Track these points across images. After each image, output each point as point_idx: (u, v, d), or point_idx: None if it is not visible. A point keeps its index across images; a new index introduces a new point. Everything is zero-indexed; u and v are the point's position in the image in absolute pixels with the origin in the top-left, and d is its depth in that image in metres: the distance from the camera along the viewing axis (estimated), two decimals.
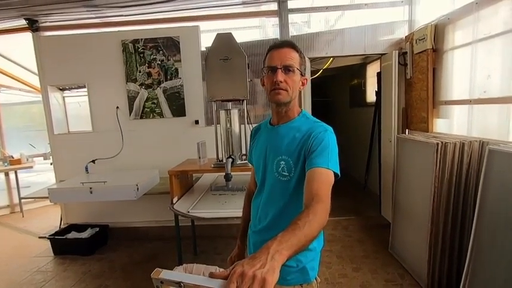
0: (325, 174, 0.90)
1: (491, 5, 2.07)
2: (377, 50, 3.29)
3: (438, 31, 2.68)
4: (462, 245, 2.15)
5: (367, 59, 4.31)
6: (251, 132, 1.27)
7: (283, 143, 1.04)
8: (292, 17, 3.31)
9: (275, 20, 3.36)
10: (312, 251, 1.06)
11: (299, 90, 1.06)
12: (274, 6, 3.29)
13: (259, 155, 1.13)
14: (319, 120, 1.07)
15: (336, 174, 0.93)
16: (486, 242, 1.75)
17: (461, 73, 2.44)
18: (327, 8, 3.33)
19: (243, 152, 2.43)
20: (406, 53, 3.09)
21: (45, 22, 3.34)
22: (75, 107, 3.75)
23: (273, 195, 1.07)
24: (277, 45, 1.03)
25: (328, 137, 0.97)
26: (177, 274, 0.57)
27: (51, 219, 4.00)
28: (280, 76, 0.98)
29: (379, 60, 3.58)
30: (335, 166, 0.93)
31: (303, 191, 0.94)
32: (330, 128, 1.01)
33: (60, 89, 3.59)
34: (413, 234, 2.44)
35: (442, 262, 2.19)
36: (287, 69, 0.99)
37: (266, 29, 3.68)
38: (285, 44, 1.03)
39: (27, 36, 3.36)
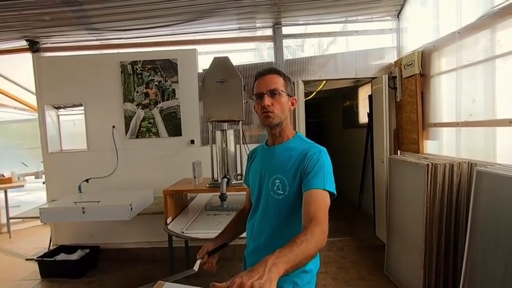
0: (321, 195, 0.94)
1: (472, 35, 2.21)
2: (368, 74, 3.43)
3: (425, 57, 2.83)
4: (456, 264, 2.16)
5: (358, 82, 4.46)
6: (248, 155, 1.31)
7: (279, 162, 1.08)
8: (286, 41, 3.46)
9: (270, 44, 3.51)
10: (308, 272, 1.07)
11: (290, 110, 1.12)
12: (269, 32, 3.45)
13: (255, 174, 1.16)
14: (313, 142, 1.12)
15: (332, 194, 0.97)
16: (479, 261, 1.76)
17: (448, 97, 2.55)
18: (319, 34, 3.49)
19: (239, 172, 2.46)
20: (395, 77, 3.23)
21: (46, 43, 3.42)
22: (69, 125, 3.76)
23: (267, 214, 1.09)
24: (261, 74, 1.11)
25: (323, 157, 1.02)
26: (179, 286, 0.60)
27: (40, 240, 3.88)
28: (267, 100, 1.05)
29: (370, 84, 3.72)
30: (331, 186, 0.98)
31: (297, 210, 0.97)
32: (324, 149, 1.06)
33: (55, 107, 3.61)
34: (408, 255, 2.44)
35: (437, 283, 2.19)
36: (273, 93, 1.06)
37: (261, 52, 3.82)
38: (268, 71, 1.10)
39: (26, 56, 3.43)
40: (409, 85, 3.01)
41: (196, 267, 1.10)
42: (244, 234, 1.27)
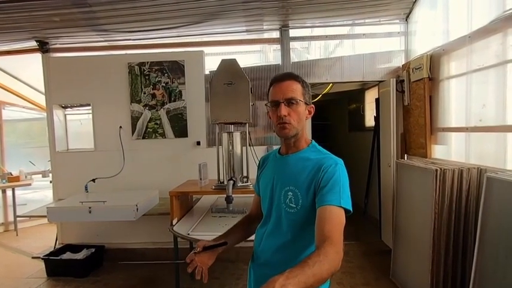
0: (336, 213, 0.88)
1: (483, 39, 2.18)
2: (375, 77, 3.41)
3: (434, 61, 2.80)
4: (465, 273, 2.13)
5: (365, 85, 4.43)
6: (259, 161, 1.24)
7: (292, 173, 1.02)
8: (292, 44, 3.45)
9: (276, 46, 3.50)
10: None
11: (307, 119, 1.05)
12: (276, 34, 3.45)
13: (266, 184, 1.10)
14: (328, 152, 1.05)
15: (347, 211, 0.91)
16: (488, 270, 1.73)
17: (458, 101, 2.52)
18: (326, 37, 3.48)
19: (244, 174, 2.45)
20: (403, 80, 3.20)
21: (55, 44, 3.47)
22: (76, 124, 3.80)
23: (278, 227, 1.03)
24: (278, 79, 1.02)
25: (339, 171, 0.95)
26: None
27: (46, 239, 3.92)
28: (284, 110, 0.98)
29: (377, 87, 3.69)
30: (347, 202, 0.91)
31: (310, 224, 0.92)
32: (341, 161, 0.99)
33: (62, 107, 3.64)
34: (415, 261, 2.41)
35: None
36: (290, 102, 0.99)
37: (267, 54, 3.82)
38: (286, 76, 1.02)
39: (36, 56, 3.48)
40: (417, 89, 2.98)
41: (187, 259, 1.01)
42: (251, 237, 1.24)
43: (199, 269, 1.01)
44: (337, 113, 6.24)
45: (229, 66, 2.39)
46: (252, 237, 1.21)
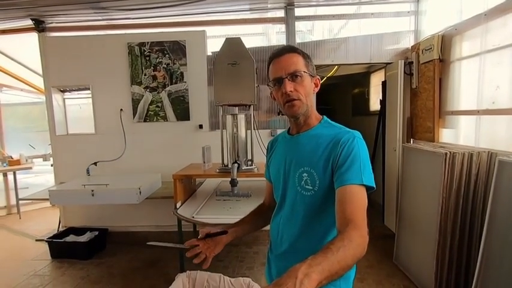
0: (358, 193, 0.81)
1: (500, 17, 2.08)
2: (382, 59, 3.30)
3: (445, 41, 2.69)
4: (470, 257, 2.12)
5: (371, 68, 4.33)
6: (267, 146, 1.17)
7: (305, 152, 0.94)
8: (297, 25, 3.32)
9: (279, 27, 3.38)
10: (347, 279, 0.94)
11: (314, 92, 0.97)
12: (281, 13, 3.31)
13: (278, 168, 1.02)
14: (343, 126, 0.98)
15: (370, 187, 0.84)
16: (495, 255, 1.72)
17: (469, 84, 2.44)
18: (333, 16, 3.35)
19: (249, 157, 2.41)
20: (411, 62, 3.10)
21: (52, 23, 3.34)
22: (75, 109, 3.72)
23: (295, 213, 0.96)
24: (276, 54, 0.94)
25: (358, 145, 0.88)
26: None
27: (49, 222, 3.93)
28: (289, 86, 0.90)
29: (383, 69, 3.59)
30: (369, 179, 0.84)
31: (328, 207, 0.86)
32: (358, 134, 0.92)
33: (61, 91, 3.56)
34: (419, 245, 2.40)
35: (449, 275, 2.15)
36: (294, 76, 0.91)
37: (269, 36, 3.69)
38: (284, 50, 0.94)
39: (32, 36, 3.36)
40: (426, 71, 2.89)
41: (186, 244, 1.03)
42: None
43: (202, 255, 1.01)
44: (340, 98, 6.14)
45: (233, 45, 2.29)
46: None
